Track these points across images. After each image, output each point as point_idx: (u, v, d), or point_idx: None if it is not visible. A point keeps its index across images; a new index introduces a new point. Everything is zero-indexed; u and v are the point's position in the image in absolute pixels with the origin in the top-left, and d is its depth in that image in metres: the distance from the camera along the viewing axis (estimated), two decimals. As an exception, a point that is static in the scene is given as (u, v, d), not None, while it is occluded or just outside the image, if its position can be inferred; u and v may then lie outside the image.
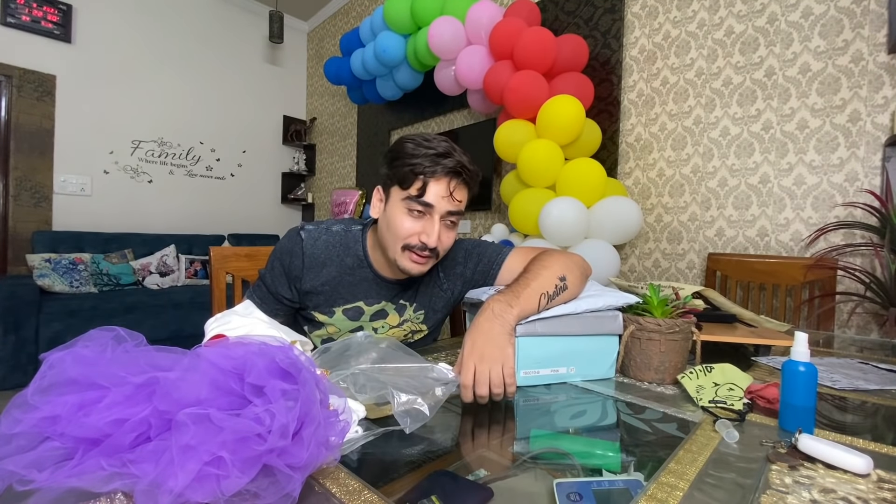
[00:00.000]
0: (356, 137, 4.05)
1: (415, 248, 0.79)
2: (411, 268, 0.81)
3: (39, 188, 3.20)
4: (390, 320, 0.94)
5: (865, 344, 1.12)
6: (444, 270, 0.96)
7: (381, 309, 0.92)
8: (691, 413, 0.58)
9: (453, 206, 0.79)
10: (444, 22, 2.27)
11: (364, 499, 0.36)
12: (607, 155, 2.21)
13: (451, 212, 0.80)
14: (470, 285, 0.96)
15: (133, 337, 0.43)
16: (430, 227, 0.78)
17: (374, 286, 0.90)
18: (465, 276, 0.96)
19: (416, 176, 0.77)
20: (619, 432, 0.55)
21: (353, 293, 0.90)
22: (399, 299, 0.93)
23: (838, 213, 1.61)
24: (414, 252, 0.79)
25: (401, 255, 0.80)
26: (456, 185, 0.78)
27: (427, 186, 0.77)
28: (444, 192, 0.77)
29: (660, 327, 0.69)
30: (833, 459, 0.43)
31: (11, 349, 2.36)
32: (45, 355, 0.38)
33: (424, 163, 0.76)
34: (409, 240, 0.79)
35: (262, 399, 0.38)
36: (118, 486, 0.33)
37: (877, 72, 1.52)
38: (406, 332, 0.97)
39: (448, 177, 0.78)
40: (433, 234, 0.78)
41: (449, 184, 0.78)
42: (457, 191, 0.79)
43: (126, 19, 3.56)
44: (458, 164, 0.78)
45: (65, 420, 0.35)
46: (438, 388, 0.54)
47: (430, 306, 0.96)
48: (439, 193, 0.77)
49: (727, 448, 0.48)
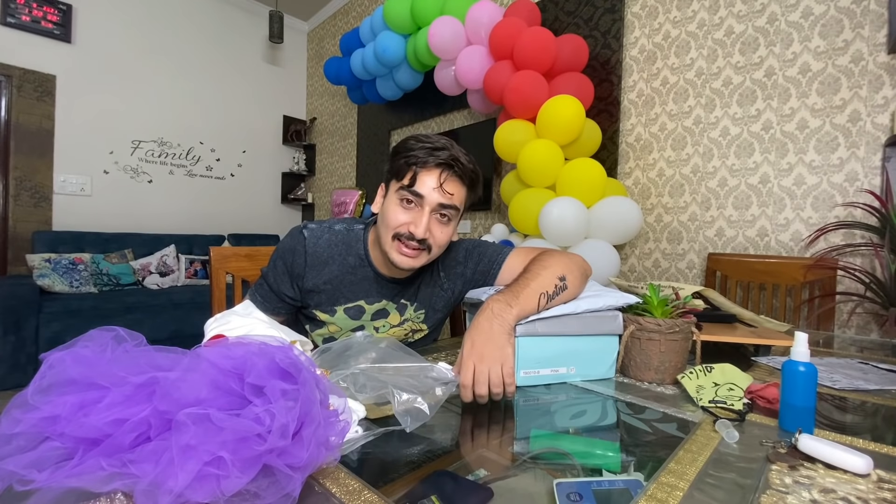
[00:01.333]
0: (356, 137, 4.05)
1: (403, 238, 0.80)
2: (401, 260, 0.81)
3: (39, 188, 3.20)
4: (391, 319, 0.94)
5: (865, 344, 1.12)
6: (444, 270, 0.96)
7: (383, 308, 0.92)
8: (691, 413, 0.58)
9: (444, 198, 0.79)
10: (444, 22, 2.27)
11: (364, 499, 0.36)
12: (607, 155, 2.21)
13: (443, 205, 0.80)
14: (470, 285, 0.96)
15: (133, 337, 0.43)
16: (419, 218, 0.79)
17: (374, 285, 0.91)
18: (465, 275, 0.96)
19: (409, 167, 0.79)
20: (619, 432, 0.55)
21: (355, 292, 0.90)
22: (400, 298, 0.93)
23: (838, 213, 1.61)
24: (403, 243, 0.80)
25: (391, 245, 0.81)
26: (447, 178, 0.79)
27: (418, 176, 0.79)
28: (434, 183, 0.79)
29: (660, 327, 0.69)
30: (833, 459, 0.43)
31: (11, 349, 2.36)
32: (45, 355, 0.38)
33: (418, 154, 0.79)
34: (399, 229, 0.80)
35: (262, 399, 0.38)
36: (118, 486, 0.33)
37: (877, 72, 1.52)
38: (407, 331, 0.97)
39: (439, 168, 0.79)
40: (421, 225, 0.79)
41: (440, 175, 0.79)
42: (448, 183, 0.79)
43: (126, 19, 3.56)
44: (450, 157, 0.79)
45: (65, 420, 0.35)
46: (438, 388, 0.54)
47: (430, 306, 0.97)
48: (430, 184, 0.79)
49: (727, 448, 0.48)
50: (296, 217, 4.76)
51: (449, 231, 0.84)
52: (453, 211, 0.82)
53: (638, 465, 0.45)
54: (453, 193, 0.81)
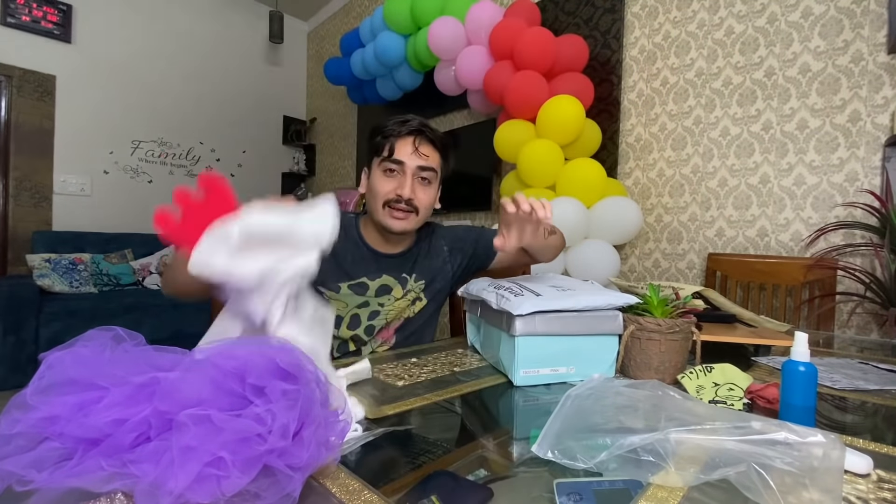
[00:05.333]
0: (356, 137, 4.04)
1: (392, 203, 0.91)
2: (393, 224, 0.91)
3: (39, 188, 3.20)
4: (395, 293, 1.00)
5: (865, 344, 1.12)
6: (448, 244, 1.07)
7: (384, 284, 0.99)
8: (691, 413, 0.58)
9: (422, 160, 0.91)
10: (444, 22, 2.27)
11: (364, 499, 0.36)
12: (607, 155, 2.21)
13: (422, 167, 0.92)
14: (470, 260, 1.07)
15: (132, 337, 0.43)
16: (403, 182, 0.91)
17: (373, 262, 0.99)
18: (465, 251, 1.08)
19: (385, 139, 0.91)
20: (619, 432, 0.54)
21: (356, 270, 0.98)
22: (400, 272, 1.01)
23: (838, 213, 1.61)
24: (393, 208, 0.91)
25: (383, 213, 0.92)
26: (420, 142, 0.92)
27: (395, 146, 0.91)
28: (410, 148, 0.91)
29: (660, 327, 0.69)
30: (833, 459, 0.43)
31: (11, 349, 2.36)
32: (45, 355, 0.38)
33: (392, 128, 0.92)
34: (388, 195, 0.91)
35: (263, 399, 0.38)
36: (118, 486, 0.33)
37: (877, 72, 1.52)
38: (409, 301, 1.02)
39: (412, 136, 0.92)
40: (406, 186, 0.90)
41: (414, 141, 0.91)
42: (422, 146, 0.92)
43: (126, 19, 3.56)
44: (420, 124, 0.92)
45: (64, 420, 0.35)
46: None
47: (430, 276, 1.04)
48: (407, 150, 0.91)
49: (727, 448, 0.48)
50: (296, 217, 4.76)
51: (432, 192, 0.95)
52: (432, 173, 0.94)
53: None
54: (429, 155, 0.93)
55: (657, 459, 0.39)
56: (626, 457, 0.40)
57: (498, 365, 0.76)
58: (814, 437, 0.37)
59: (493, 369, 0.77)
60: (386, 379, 0.69)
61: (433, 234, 1.08)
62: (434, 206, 0.99)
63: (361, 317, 0.98)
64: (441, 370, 0.75)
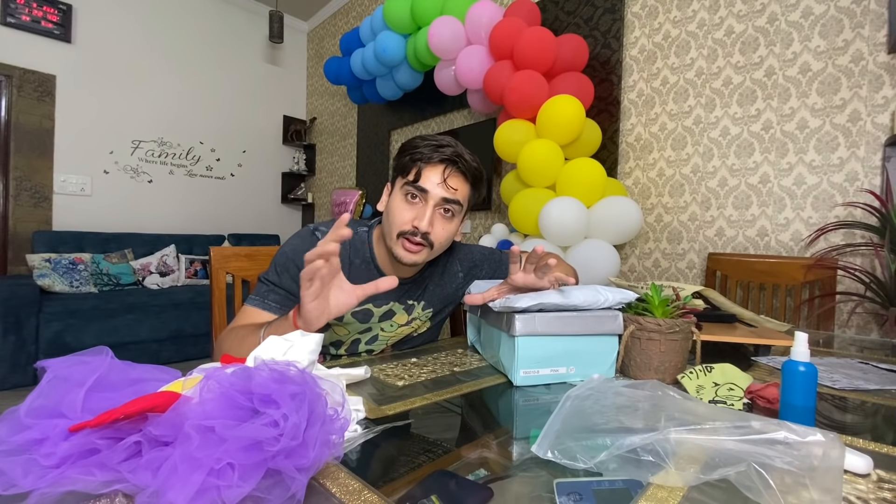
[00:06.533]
0: (356, 137, 4.04)
1: (408, 234, 0.82)
2: (404, 255, 0.83)
3: (39, 188, 3.20)
4: (398, 319, 0.95)
5: (865, 344, 1.12)
6: (464, 269, 1.01)
7: (389, 309, 0.93)
8: (691, 413, 0.58)
9: (448, 193, 0.82)
10: (444, 22, 2.27)
11: (364, 499, 0.36)
12: (607, 155, 2.21)
13: (447, 199, 0.82)
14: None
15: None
16: (423, 213, 0.81)
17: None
18: (479, 277, 1.02)
19: (413, 163, 0.82)
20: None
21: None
22: (407, 299, 0.94)
23: (838, 212, 1.61)
24: (407, 239, 0.82)
25: (396, 242, 0.83)
26: (451, 173, 0.82)
27: (422, 172, 0.81)
28: (438, 178, 0.81)
29: (660, 327, 0.69)
30: (833, 459, 0.43)
31: (11, 349, 2.36)
32: (45, 364, 0.39)
33: (423, 151, 0.81)
34: (404, 226, 0.82)
35: (273, 406, 0.38)
36: (119, 488, 0.33)
37: (877, 72, 1.52)
38: (412, 329, 0.99)
39: (443, 164, 0.81)
40: (425, 219, 0.81)
41: (444, 171, 0.81)
42: (451, 178, 0.82)
43: (126, 19, 3.56)
44: (454, 154, 0.81)
45: (51, 441, 0.35)
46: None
47: (439, 305, 0.99)
48: (434, 179, 0.81)
49: (727, 448, 0.48)
50: (296, 217, 4.76)
51: (451, 228, 0.86)
52: (457, 206, 0.84)
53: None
54: (457, 189, 0.83)
55: (657, 459, 0.39)
56: (626, 457, 0.40)
57: (498, 365, 0.76)
58: (814, 436, 0.38)
59: (493, 369, 0.77)
60: (386, 379, 0.69)
61: (450, 254, 1.01)
62: (454, 238, 0.91)
63: (361, 340, 0.96)
64: (441, 370, 0.75)
